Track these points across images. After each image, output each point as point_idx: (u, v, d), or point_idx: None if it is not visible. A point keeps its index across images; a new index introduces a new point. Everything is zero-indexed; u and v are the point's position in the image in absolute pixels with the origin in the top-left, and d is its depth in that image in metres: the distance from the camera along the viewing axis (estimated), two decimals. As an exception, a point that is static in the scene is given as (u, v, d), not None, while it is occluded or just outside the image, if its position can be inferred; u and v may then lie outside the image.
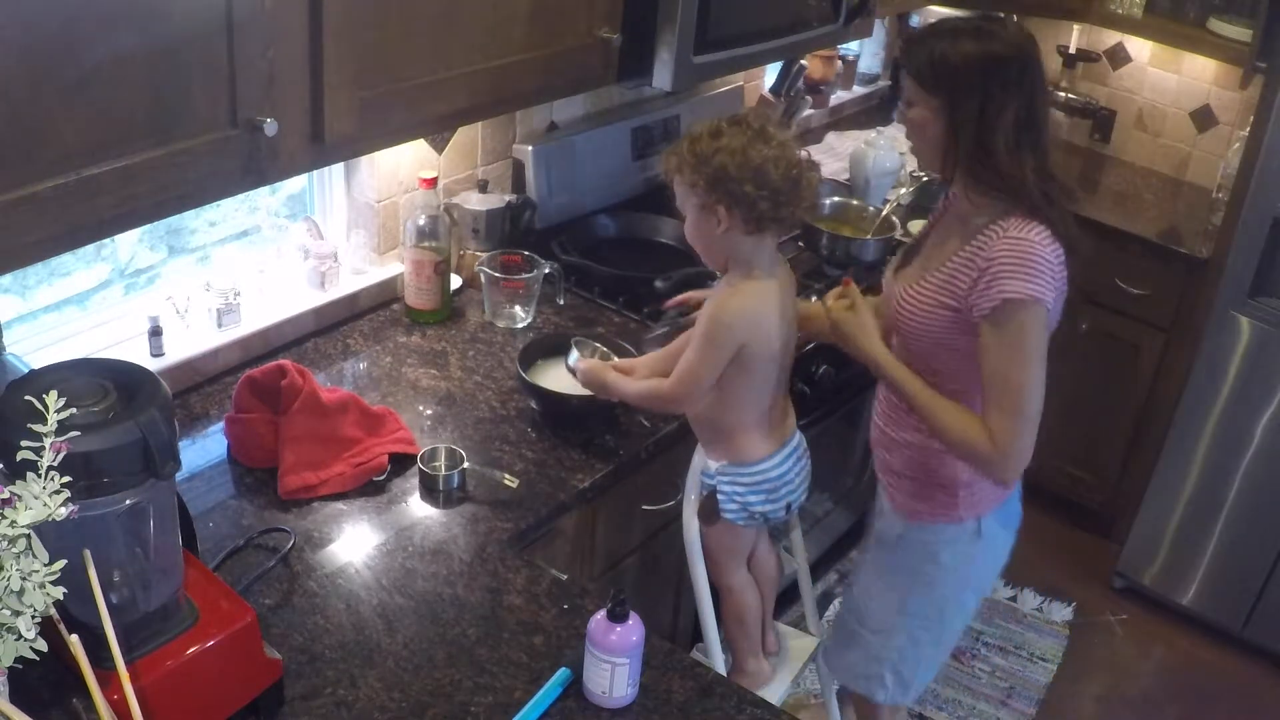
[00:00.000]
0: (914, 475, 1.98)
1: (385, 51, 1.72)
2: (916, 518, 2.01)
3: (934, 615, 2.08)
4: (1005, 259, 1.72)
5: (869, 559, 2.18)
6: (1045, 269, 1.72)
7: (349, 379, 2.20)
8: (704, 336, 1.90)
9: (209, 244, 2.23)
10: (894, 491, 2.05)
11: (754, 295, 1.89)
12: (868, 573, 2.16)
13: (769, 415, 2.01)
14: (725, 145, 1.81)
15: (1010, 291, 1.71)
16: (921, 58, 1.79)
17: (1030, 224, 1.74)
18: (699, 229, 1.89)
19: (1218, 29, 3.35)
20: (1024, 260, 1.71)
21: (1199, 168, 3.68)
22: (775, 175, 1.81)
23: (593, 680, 1.54)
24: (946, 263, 1.82)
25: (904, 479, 2.01)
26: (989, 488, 1.93)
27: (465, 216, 2.50)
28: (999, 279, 1.72)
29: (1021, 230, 1.74)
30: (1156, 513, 3.33)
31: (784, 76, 3.26)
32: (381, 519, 1.85)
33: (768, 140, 1.82)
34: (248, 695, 1.43)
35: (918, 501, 2.00)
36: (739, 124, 1.84)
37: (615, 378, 2.01)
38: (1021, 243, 1.73)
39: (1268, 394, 3.04)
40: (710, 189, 1.82)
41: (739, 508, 2.04)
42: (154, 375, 1.31)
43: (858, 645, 2.18)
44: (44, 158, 1.34)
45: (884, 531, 2.09)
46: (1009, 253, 1.72)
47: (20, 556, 1.08)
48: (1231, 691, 3.21)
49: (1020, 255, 1.72)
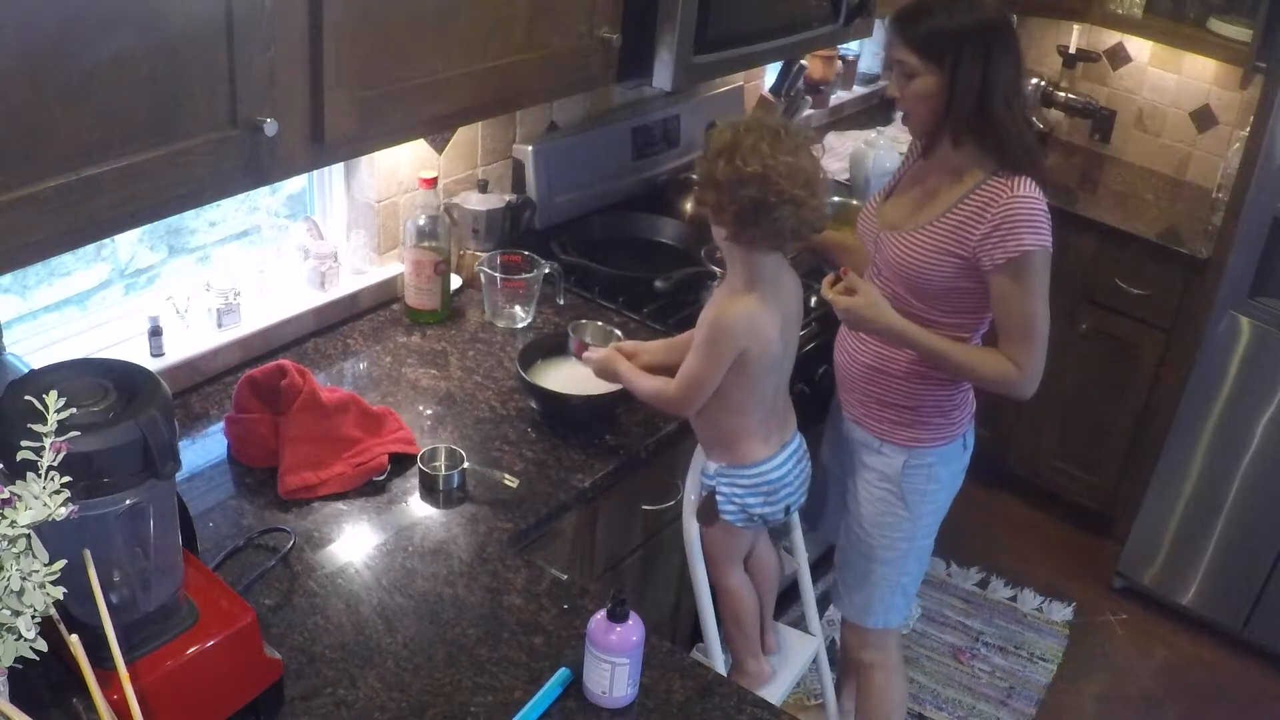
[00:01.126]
0: (911, 405, 2.14)
1: (385, 51, 1.72)
2: (917, 444, 2.16)
3: (933, 527, 2.28)
4: (1020, 216, 1.93)
5: (872, 496, 2.23)
6: (1047, 220, 1.96)
7: (349, 379, 2.20)
8: (705, 342, 1.90)
9: (209, 244, 2.23)
10: (886, 426, 2.17)
11: (755, 302, 1.89)
12: (872, 510, 2.23)
13: (769, 418, 2.01)
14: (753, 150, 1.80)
15: (1029, 244, 1.93)
16: (922, 31, 1.96)
17: (1027, 180, 1.96)
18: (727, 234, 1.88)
19: (1218, 29, 3.35)
20: (1033, 216, 1.94)
21: (1199, 168, 3.68)
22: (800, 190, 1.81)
23: (593, 680, 1.54)
24: (949, 214, 2.00)
25: (899, 410, 2.15)
26: (970, 405, 2.19)
27: (465, 216, 2.50)
28: (1015, 233, 1.93)
29: (1023, 188, 1.95)
30: (1156, 513, 3.33)
31: (784, 76, 3.26)
32: (381, 519, 1.85)
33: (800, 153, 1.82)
34: (248, 695, 1.43)
35: (916, 430, 2.15)
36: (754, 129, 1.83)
37: (627, 369, 2.01)
38: (1029, 200, 1.94)
39: (1268, 394, 3.04)
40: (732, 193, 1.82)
41: (737, 509, 2.04)
42: (154, 375, 1.31)
43: (872, 582, 2.29)
44: (44, 158, 1.34)
45: (886, 467, 2.19)
46: (1021, 210, 1.93)
47: (20, 556, 1.08)
48: (1231, 691, 3.21)
49: (1030, 212, 1.94)
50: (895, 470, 2.18)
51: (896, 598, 2.31)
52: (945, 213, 2.00)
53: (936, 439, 2.16)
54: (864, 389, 2.18)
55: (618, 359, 2.03)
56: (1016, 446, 3.64)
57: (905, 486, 2.18)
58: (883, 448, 2.18)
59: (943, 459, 2.19)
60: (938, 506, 2.25)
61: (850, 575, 2.33)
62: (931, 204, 2.05)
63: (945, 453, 2.18)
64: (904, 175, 2.19)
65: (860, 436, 2.22)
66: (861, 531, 2.26)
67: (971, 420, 2.22)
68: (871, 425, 2.19)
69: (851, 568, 2.32)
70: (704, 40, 2.26)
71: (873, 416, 2.19)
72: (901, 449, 2.16)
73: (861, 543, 2.27)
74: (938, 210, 2.02)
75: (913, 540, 2.24)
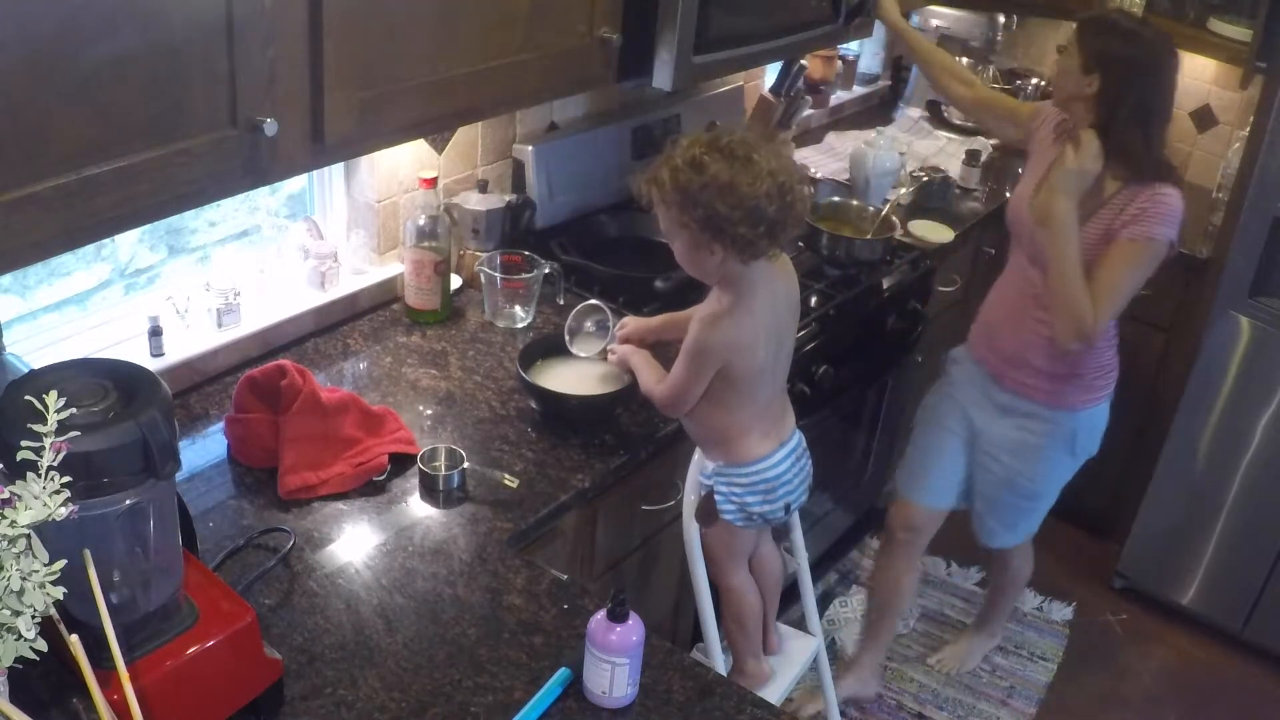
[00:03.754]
0: (1070, 371, 2.44)
1: (385, 51, 1.72)
2: (1075, 407, 2.50)
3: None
4: (1157, 208, 2.22)
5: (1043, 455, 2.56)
6: (1180, 219, 2.25)
7: (349, 379, 2.20)
8: (688, 353, 1.91)
9: (209, 244, 2.23)
10: (1048, 394, 2.48)
11: (737, 320, 1.87)
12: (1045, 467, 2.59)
13: (764, 417, 2.01)
14: (712, 180, 1.73)
15: (1157, 234, 2.22)
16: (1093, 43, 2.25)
17: (1170, 187, 2.24)
18: (691, 258, 1.86)
19: (1218, 29, 3.35)
20: (1173, 212, 2.23)
21: (1199, 168, 3.68)
22: (769, 209, 1.75)
23: (593, 680, 1.54)
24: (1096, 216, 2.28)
25: (1058, 378, 2.46)
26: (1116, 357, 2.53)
27: (465, 216, 2.50)
28: (1151, 222, 2.21)
29: (1167, 189, 2.24)
30: (1156, 513, 3.33)
31: (784, 76, 3.26)
32: (381, 519, 1.85)
33: (754, 169, 1.74)
34: (248, 695, 1.44)
35: (1068, 391, 2.48)
36: (721, 151, 1.75)
37: (639, 363, 2.04)
38: (1172, 195, 2.23)
39: (1268, 394, 3.04)
40: (703, 229, 1.77)
41: (736, 508, 2.04)
42: (154, 375, 1.31)
43: (1027, 516, 2.72)
44: (44, 158, 1.34)
45: (1058, 430, 2.52)
46: (1164, 203, 2.22)
47: (20, 556, 1.08)
48: (1231, 691, 3.21)
49: (1170, 208, 2.22)
50: (1069, 431, 2.52)
51: (1036, 522, 2.76)
52: (1096, 214, 2.28)
53: (1091, 400, 2.51)
54: (1025, 359, 2.47)
55: (635, 351, 2.06)
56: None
57: (1077, 443, 2.54)
58: (1053, 415, 2.50)
59: (1100, 415, 2.55)
60: (1094, 447, 2.60)
61: (1011, 515, 2.71)
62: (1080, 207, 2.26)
63: (1100, 411, 2.54)
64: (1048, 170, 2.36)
65: (1028, 408, 2.52)
66: (1029, 483, 2.61)
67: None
68: (1035, 396, 2.50)
69: (1013, 509, 2.69)
70: (704, 40, 2.26)
71: (1034, 388, 2.49)
72: (1070, 413, 2.50)
73: (1027, 489, 2.63)
74: (1086, 213, 2.27)
75: (1070, 472, 2.63)
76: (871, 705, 2.98)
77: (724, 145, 1.77)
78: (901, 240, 3.00)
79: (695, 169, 1.75)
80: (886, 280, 2.88)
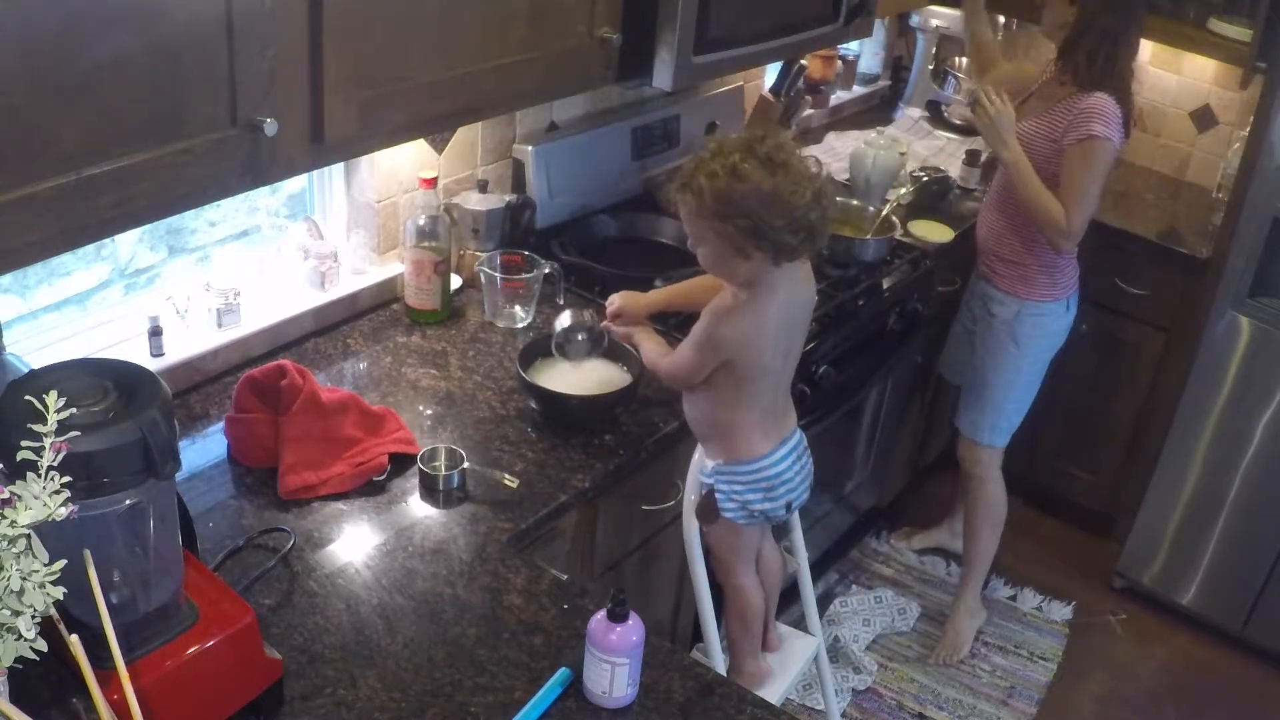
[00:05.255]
0: (1024, 262, 2.80)
1: (385, 51, 1.72)
2: (1030, 296, 2.83)
3: (1033, 373, 2.95)
4: (1093, 110, 2.58)
5: (993, 334, 2.91)
6: (1116, 120, 2.60)
7: (349, 379, 2.20)
8: (695, 339, 1.92)
9: (209, 244, 2.23)
10: (1004, 279, 2.86)
11: (752, 316, 1.88)
12: (992, 345, 2.92)
13: (766, 415, 2.01)
14: (756, 190, 1.74)
15: (1097, 131, 2.57)
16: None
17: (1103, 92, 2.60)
18: (722, 263, 1.84)
19: (1218, 29, 3.35)
20: (1104, 112, 2.58)
21: (1199, 168, 3.68)
22: (811, 215, 1.78)
23: (593, 680, 1.54)
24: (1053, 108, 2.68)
25: (1011, 264, 2.83)
26: (1072, 277, 2.85)
27: (465, 216, 2.50)
28: (1088, 124, 2.58)
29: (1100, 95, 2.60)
30: (1156, 513, 3.33)
31: (784, 76, 3.26)
32: (381, 519, 1.85)
33: (795, 176, 1.77)
34: (248, 695, 1.44)
35: (1028, 286, 2.82)
36: (759, 159, 1.76)
37: (643, 337, 2.09)
38: (1103, 100, 2.59)
39: (1268, 394, 3.04)
40: (746, 236, 1.77)
41: (738, 506, 2.05)
42: (154, 375, 1.31)
43: (985, 400, 2.99)
44: (44, 158, 1.34)
45: (1001, 314, 2.88)
46: (1094, 106, 2.59)
47: (20, 556, 1.08)
48: (1231, 691, 3.21)
49: (1101, 109, 2.58)
50: (1011, 315, 2.86)
51: (1001, 420, 2.99)
52: (1049, 109, 2.68)
53: (1044, 296, 2.82)
54: (993, 250, 2.85)
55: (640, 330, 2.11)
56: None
57: (1017, 329, 2.86)
58: (1004, 299, 2.86)
59: (1050, 313, 2.85)
60: (1041, 350, 2.91)
61: (970, 397, 3.03)
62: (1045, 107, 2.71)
63: (1051, 309, 2.85)
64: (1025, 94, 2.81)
65: (986, 290, 2.92)
66: (980, 364, 2.96)
67: (1074, 291, 2.87)
68: (997, 280, 2.87)
69: (972, 391, 3.02)
70: (704, 40, 2.25)
71: (996, 273, 2.87)
72: (1017, 299, 2.84)
73: (980, 372, 2.97)
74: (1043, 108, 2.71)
75: (1019, 373, 2.92)
76: (871, 705, 2.98)
77: (761, 153, 1.77)
78: (901, 240, 3.00)
79: (736, 177, 1.75)
80: (886, 280, 2.88)
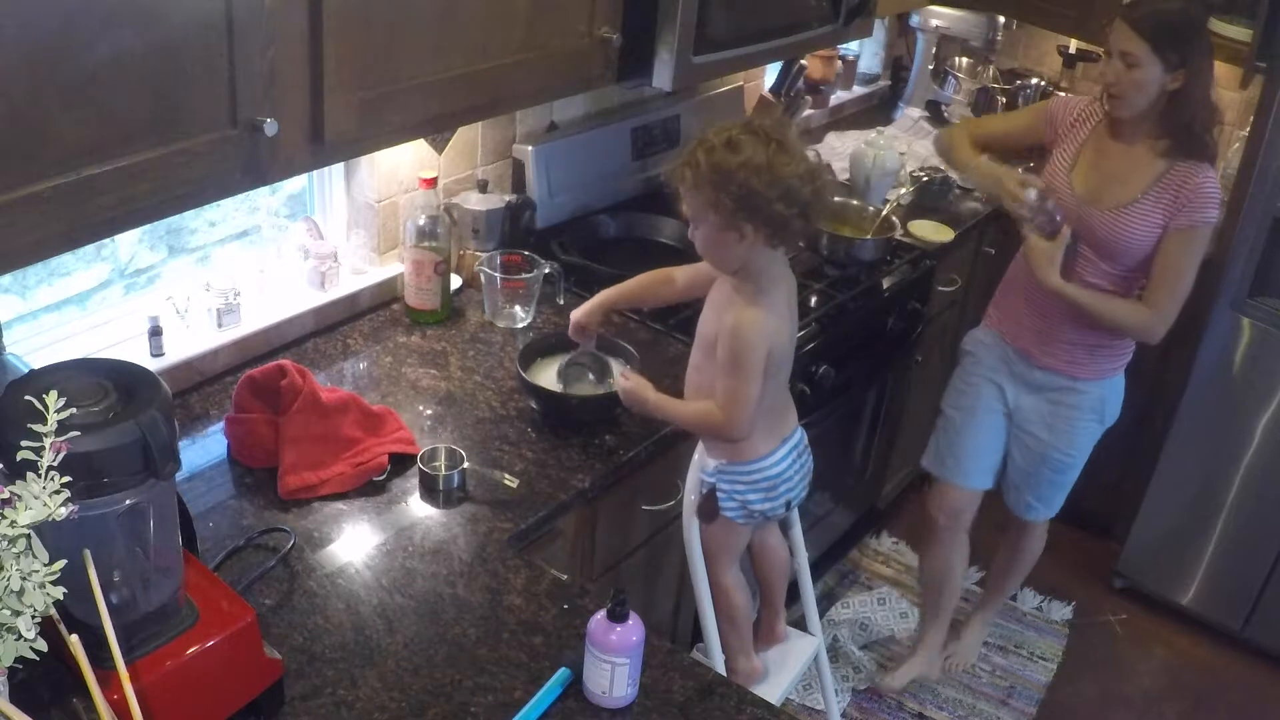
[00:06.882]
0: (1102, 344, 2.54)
1: (385, 51, 1.72)
2: (1104, 375, 2.59)
3: None
4: (1208, 191, 2.31)
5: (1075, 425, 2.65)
6: (1219, 199, 2.35)
7: (349, 379, 2.20)
8: (733, 359, 1.85)
9: (209, 244, 2.23)
10: (1076, 364, 2.57)
11: (770, 308, 1.87)
12: (1080, 436, 2.67)
13: (768, 413, 2.01)
14: (749, 161, 1.75)
15: (1211, 217, 2.33)
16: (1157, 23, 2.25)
17: (1210, 168, 2.33)
18: (716, 242, 1.84)
19: (1218, 29, 3.34)
20: (1216, 194, 2.33)
21: (1199, 168, 3.68)
22: (804, 190, 1.77)
23: (593, 680, 1.54)
24: (1151, 192, 2.35)
25: (1080, 348, 2.55)
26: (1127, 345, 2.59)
27: (465, 216, 2.50)
28: (1204, 207, 2.31)
29: (1209, 172, 2.32)
30: (1156, 513, 3.33)
31: (784, 76, 3.26)
32: (381, 519, 1.85)
33: (790, 152, 1.78)
34: (248, 695, 1.43)
35: (1099, 361, 2.57)
36: (755, 134, 1.78)
37: (658, 400, 1.96)
38: (1214, 180, 2.33)
39: (1268, 394, 3.04)
40: (738, 208, 1.77)
41: (738, 506, 2.05)
42: (154, 375, 1.31)
43: (1060, 488, 2.77)
44: (44, 158, 1.34)
45: (1087, 399, 2.61)
46: (1209, 187, 2.31)
47: (20, 556, 1.08)
48: (1231, 691, 3.21)
49: (1214, 190, 2.32)
50: (1099, 399, 2.61)
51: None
52: (1147, 191, 2.35)
53: (1112, 371, 2.60)
54: (1067, 339, 2.54)
55: (646, 389, 1.96)
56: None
57: (1107, 410, 2.64)
58: (1087, 385, 2.59)
59: (1118, 385, 2.64)
60: (1117, 412, 2.69)
61: (1046, 489, 2.77)
62: (1126, 184, 2.38)
63: (1119, 380, 2.63)
64: (1080, 149, 2.49)
65: (1061, 382, 2.61)
66: (1064, 456, 2.68)
67: None
68: (1074, 370, 2.58)
69: (1050, 483, 2.75)
70: (704, 40, 2.26)
71: (1076, 362, 2.57)
72: (1100, 381, 2.60)
73: (1062, 463, 2.70)
74: (1136, 189, 2.36)
75: (1092, 445, 2.71)
76: (871, 705, 2.98)
77: (758, 128, 1.80)
78: (901, 240, 3.00)
79: (732, 149, 1.77)
80: (886, 280, 2.88)
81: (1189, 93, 2.28)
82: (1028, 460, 2.72)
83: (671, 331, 2.41)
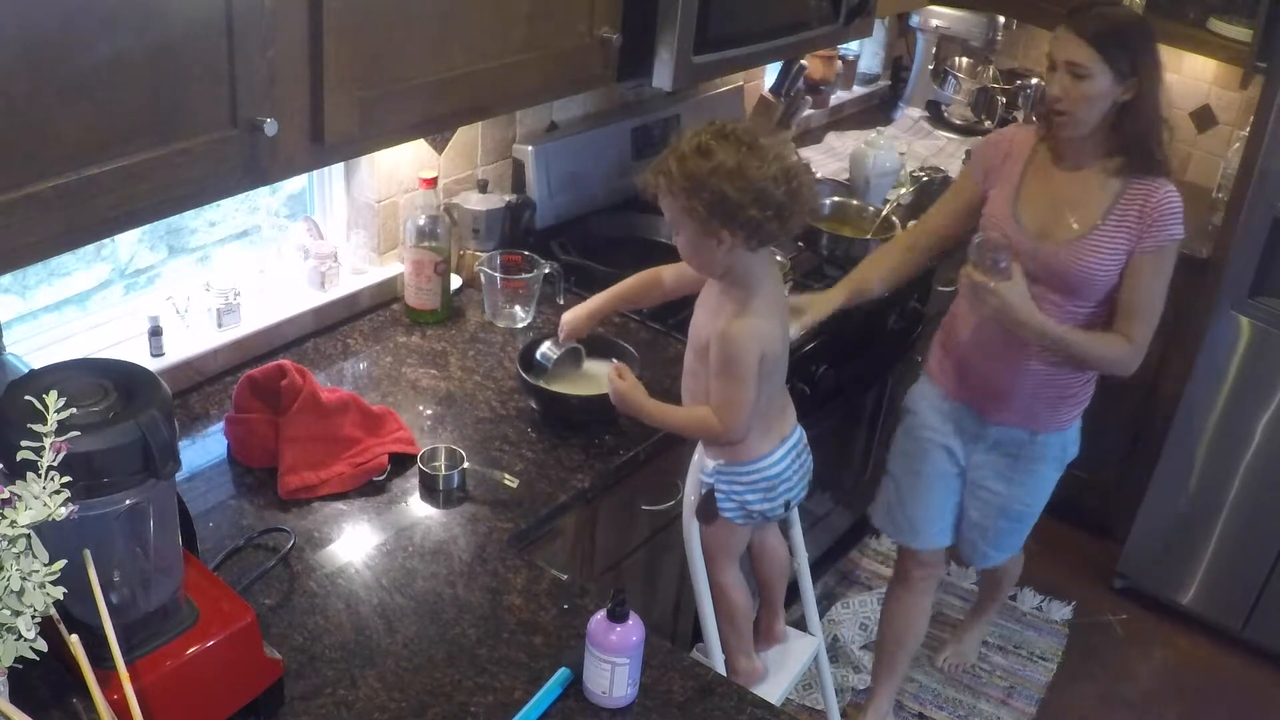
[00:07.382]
0: (1051, 394, 2.35)
1: (385, 51, 1.72)
2: (1066, 425, 2.42)
3: None
4: (1171, 208, 2.14)
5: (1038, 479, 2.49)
6: (1182, 213, 2.17)
7: (349, 379, 2.20)
8: (726, 365, 1.85)
9: (209, 244, 2.23)
10: (1035, 418, 2.39)
11: (762, 311, 1.86)
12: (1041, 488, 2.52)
13: (767, 414, 2.01)
14: (720, 166, 1.74)
15: (1177, 234, 2.16)
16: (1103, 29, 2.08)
17: (1169, 182, 2.16)
18: (697, 247, 1.83)
19: (1218, 29, 3.35)
20: (1179, 210, 2.15)
21: (1199, 168, 3.68)
22: (777, 191, 1.76)
23: (593, 680, 1.54)
24: (1110, 216, 2.16)
25: (1039, 401, 2.36)
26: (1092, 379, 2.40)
27: (465, 216, 2.50)
28: (1167, 226, 2.14)
29: (1169, 186, 2.15)
30: (1156, 513, 3.33)
31: (784, 76, 3.26)
32: (381, 519, 1.85)
33: (761, 155, 1.76)
34: (248, 695, 1.44)
35: (1060, 413, 2.39)
36: (727, 138, 1.77)
37: (653, 406, 1.96)
38: (1175, 195, 2.15)
39: (1268, 394, 3.04)
40: (711, 214, 1.76)
41: (737, 506, 2.05)
42: (154, 375, 1.31)
43: (1019, 534, 2.62)
44: (44, 158, 1.34)
45: (1050, 451, 2.44)
46: (1172, 203, 2.14)
47: (20, 556, 1.08)
48: (1231, 691, 3.21)
49: (1177, 206, 2.15)
50: (1060, 448, 2.44)
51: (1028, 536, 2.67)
52: (1107, 215, 2.17)
53: (1072, 420, 2.43)
54: (1027, 392, 2.35)
55: (637, 388, 1.96)
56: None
57: (1067, 453, 2.47)
58: (1048, 438, 2.42)
59: (1077, 432, 2.47)
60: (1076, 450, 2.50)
61: (1007, 539, 2.61)
62: (1082, 211, 2.19)
63: (1077, 427, 2.46)
64: (1020, 182, 2.28)
65: (1017, 437, 2.43)
66: (1024, 507, 2.53)
67: None
68: (1030, 424, 2.40)
69: (1009, 533, 2.60)
70: (704, 40, 2.26)
71: (1038, 417, 2.39)
72: (1061, 431, 2.42)
73: (1022, 513, 2.55)
74: (1094, 215, 2.18)
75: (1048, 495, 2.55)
76: (871, 705, 2.98)
77: (730, 133, 1.79)
78: (902, 240, 3.00)
79: (703, 155, 1.76)
80: (886, 280, 2.88)
81: (1141, 104, 2.11)
82: (985, 515, 2.56)
83: (671, 331, 2.40)
